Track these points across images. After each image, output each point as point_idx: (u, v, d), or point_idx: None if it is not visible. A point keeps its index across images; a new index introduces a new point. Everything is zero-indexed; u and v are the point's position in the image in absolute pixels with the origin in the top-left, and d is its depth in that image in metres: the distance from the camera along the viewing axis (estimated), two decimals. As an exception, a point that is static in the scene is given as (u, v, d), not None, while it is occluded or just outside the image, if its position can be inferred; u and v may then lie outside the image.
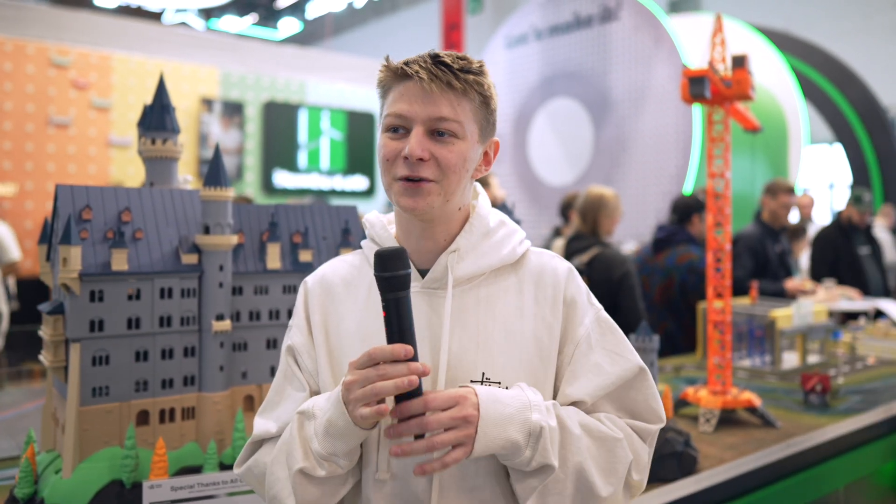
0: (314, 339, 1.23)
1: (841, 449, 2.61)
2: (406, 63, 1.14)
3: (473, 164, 1.19)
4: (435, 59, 1.13)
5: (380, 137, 1.19)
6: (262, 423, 1.22)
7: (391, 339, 1.03)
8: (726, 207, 2.58)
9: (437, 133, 1.13)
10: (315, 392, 1.22)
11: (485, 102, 1.17)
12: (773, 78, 8.01)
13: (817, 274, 5.46)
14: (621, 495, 1.14)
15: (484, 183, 4.16)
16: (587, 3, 8.03)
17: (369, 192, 11.83)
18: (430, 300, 1.17)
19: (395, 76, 1.15)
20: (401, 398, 1.02)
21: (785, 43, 8.57)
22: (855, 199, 5.51)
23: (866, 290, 5.21)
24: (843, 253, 5.47)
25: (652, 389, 1.20)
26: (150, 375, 1.68)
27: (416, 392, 1.01)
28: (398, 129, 1.14)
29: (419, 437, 1.02)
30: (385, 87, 1.18)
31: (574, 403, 1.16)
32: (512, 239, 1.24)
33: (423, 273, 1.19)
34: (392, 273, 1.02)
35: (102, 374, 1.63)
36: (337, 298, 1.25)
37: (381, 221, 1.27)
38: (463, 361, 1.13)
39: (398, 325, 1.02)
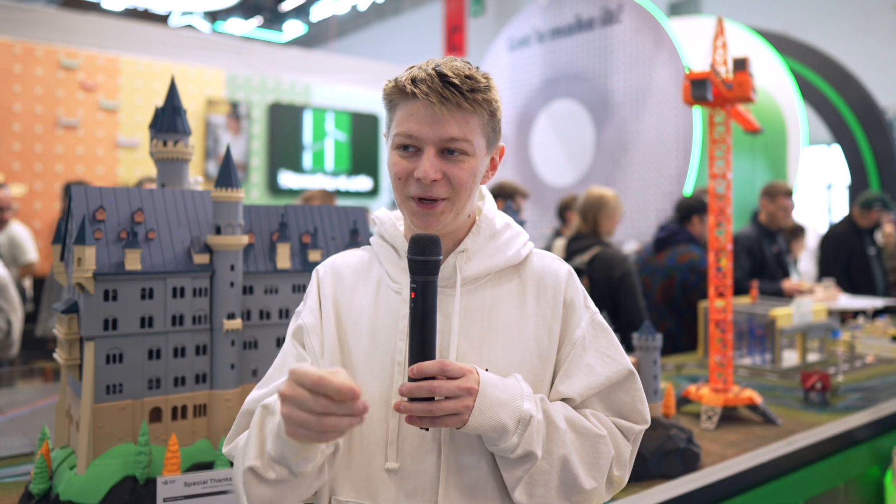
0: (324, 322, 1.24)
1: (841, 446, 2.63)
2: (414, 82, 1.12)
3: (482, 174, 1.22)
4: (443, 78, 1.11)
5: (390, 154, 1.19)
6: (253, 394, 1.21)
7: (414, 320, 1.07)
8: (727, 208, 2.61)
9: (447, 151, 1.14)
10: None
11: (492, 115, 1.19)
12: (772, 80, 8.02)
13: (828, 273, 5.48)
14: (604, 489, 1.18)
15: (513, 199, 4.21)
16: (588, 5, 8.05)
17: (373, 193, 11.84)
18: (439, 299, 1.19)
19: (403, 93, 1.14)
20: (416, 359, 1.06)
21: (783, 45, 8.57)
22: (883, 204, 5.55)
23: (874, 291, 5.24)
24: (855, 253, 5.52)
25: (639, 392, 1.24)
26: (162, 373, 1.71)
27: (430, 356, 1.07)
28: (409, 147, 1.15)
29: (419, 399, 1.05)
30: (392, 102, 1.18)
31: (563, 400, 1.20)
32: (517, 241, 1.27)
33: None
34: (425, 257, 1.07)
35: (116, 372, 1.65)
36: (347, 288, 1.27)
37: (390, 219, 1.29)
38: (468, 360, 1.16)
39: (423, 307, 1.06)
